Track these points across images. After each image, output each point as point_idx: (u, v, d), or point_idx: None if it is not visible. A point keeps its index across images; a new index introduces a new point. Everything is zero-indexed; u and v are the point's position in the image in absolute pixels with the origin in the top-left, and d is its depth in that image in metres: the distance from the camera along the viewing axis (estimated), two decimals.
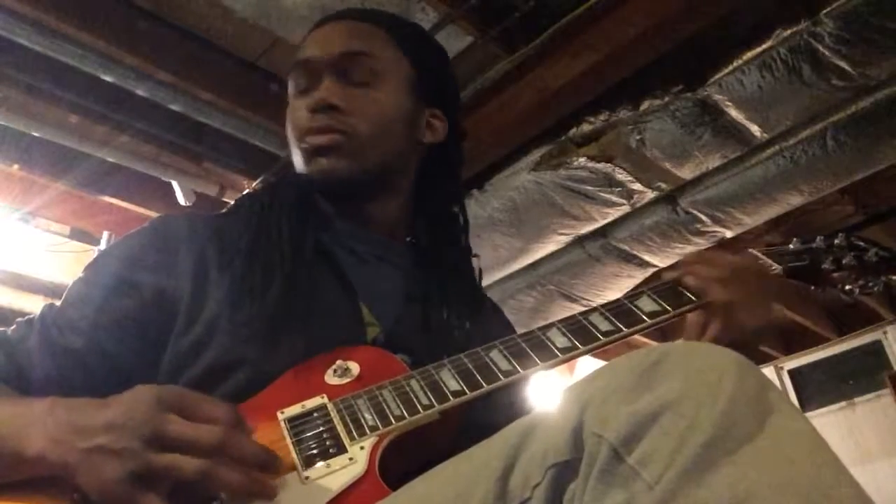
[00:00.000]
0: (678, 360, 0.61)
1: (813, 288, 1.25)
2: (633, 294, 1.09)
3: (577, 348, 0.98)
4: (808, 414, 4.82)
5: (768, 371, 5.08)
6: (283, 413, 0.90)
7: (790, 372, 5.38)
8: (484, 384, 0.92)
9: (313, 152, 1.10)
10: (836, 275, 1.22)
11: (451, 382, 0.92)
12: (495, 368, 0.94)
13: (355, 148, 1.09)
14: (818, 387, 5.18)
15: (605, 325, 1.02)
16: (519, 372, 0.94)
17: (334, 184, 1.11)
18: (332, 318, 1.03)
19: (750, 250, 1.21)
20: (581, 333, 1.00)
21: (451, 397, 0.90)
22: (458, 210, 1.24)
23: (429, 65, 1.21)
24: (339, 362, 0.96)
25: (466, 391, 0.91)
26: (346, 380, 0.95)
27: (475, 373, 0.94)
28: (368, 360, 0.98)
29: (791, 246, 1.24)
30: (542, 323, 1.04)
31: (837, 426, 4.76)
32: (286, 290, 0.99)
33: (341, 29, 1.18)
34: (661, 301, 1.06)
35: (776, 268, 1.19)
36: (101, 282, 1.01)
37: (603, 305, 1.06)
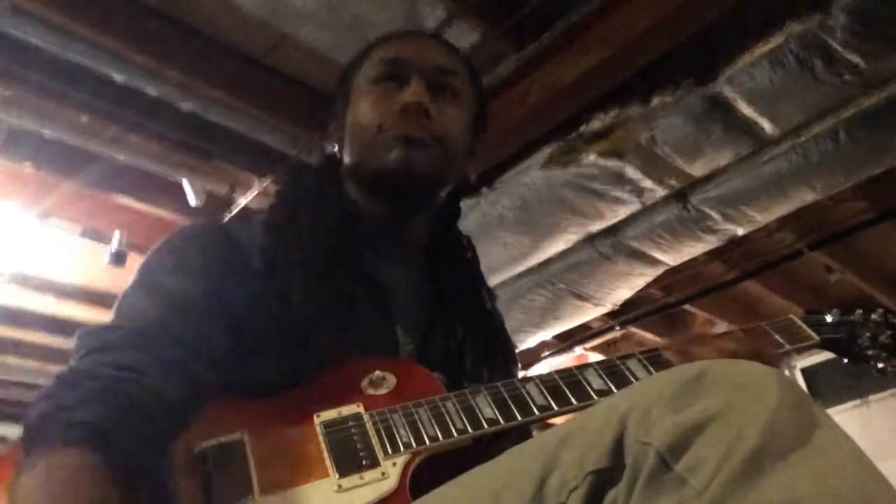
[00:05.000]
0: (719, 375, 0.62)
1: (846, 361, 1.26)
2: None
3: (613, 392, 1.00)
4: None
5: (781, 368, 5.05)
6: (318, 416, 0.92)
7: (803, 370, 5.35)
8: (518, 416, 0.95)
9: (405, 141, 1.08)
10: (870, 351, 1.23)
11: (487, 410, 0.95)
12: (531, 402, 0.97)
13: (440, 154, 1.10)
14: (832, 384, 5.15)
15: (641, 374, 1.04)
16: (554, 409, 0.97)
17: (412, 177, 1.09)
18: (370, 335, 1.06)
19: (790, 316, 1.21)
20: (619, 378, 1.02)
21: (485, 425, 0.93)
22: (467, 243, 1.27)
23: (485, 111, 1.28)
24: (376, 372, 0.98)
25: (501, 421, 0.94)
26: (382, 391, 0.97)
27: (511, 403, 0.96)
28: (406, 373, 1.00)
29: (829, 317, 1.24)
30: (552, 322, 1.07)
31: (851, 424, 4.73)
32: (341, 313, 1.00)
33: (436, 46, 1.24)
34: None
35: (814, 338, 1.18)
36: (191, 290, 0.97)
37: (641, 353, 1.08)
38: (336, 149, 1.20)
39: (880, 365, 1.23)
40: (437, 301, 1.16)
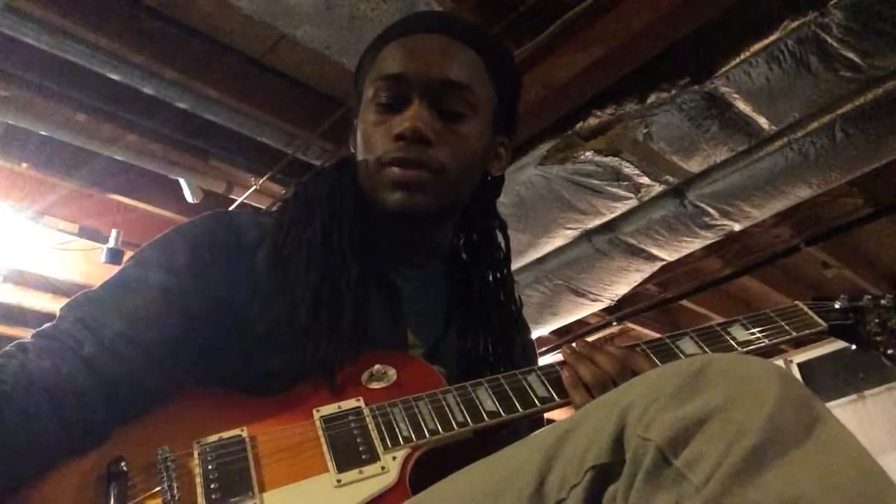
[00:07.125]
0: (721, 369, 0.62)
1: (855, 347, 1.24)
2: (710, 327, 1.09)
3: None
4: None
5: (778, 364, 5.07)
6: (318, 411, 0.92)
7: (800, 365, 5.37)
8: (520, 408, 0.95)
9: (400, 185, 1.03)
10: (879, 338, 1.20)
11: (488, 402, 0.94)
12: (532, 394, 0.97)
13: (441, 186, 1.05)
14: (828, 379, 5.17)
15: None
16: (556, 399, 0.97)
17: (411, 217, 1.06)
18: (380, 339, 1.04)
19: (796, 303, 1.19)
20: None
21: (486, 417, 0.93)
22: (502, 237, 1.21)
23: (509, 94, 1.19)
24: (377, 366, 0.97)
25: (502, 413, 0.93)
26: (382, 384, 0.96)
27: (512, 395, 0.96)
28: (406, 367, 0.99)
29: (837, 304, 1.22)
30: (550, 318, 1.06)
31: (847, 419, 4.74)
32: (351, 325, 0.99)
33: (441, 47, 1.10)
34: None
35: (821, 324, 1.16)
36: (151, 295, 0.96)
37: (645, 343, 1.06)
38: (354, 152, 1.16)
39: (889, 351, 1.20)
40: (456, 306, 1.13)
